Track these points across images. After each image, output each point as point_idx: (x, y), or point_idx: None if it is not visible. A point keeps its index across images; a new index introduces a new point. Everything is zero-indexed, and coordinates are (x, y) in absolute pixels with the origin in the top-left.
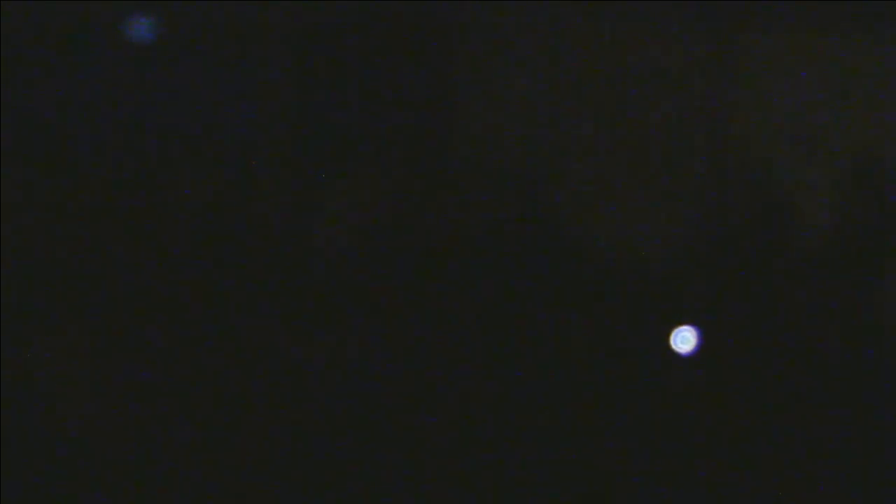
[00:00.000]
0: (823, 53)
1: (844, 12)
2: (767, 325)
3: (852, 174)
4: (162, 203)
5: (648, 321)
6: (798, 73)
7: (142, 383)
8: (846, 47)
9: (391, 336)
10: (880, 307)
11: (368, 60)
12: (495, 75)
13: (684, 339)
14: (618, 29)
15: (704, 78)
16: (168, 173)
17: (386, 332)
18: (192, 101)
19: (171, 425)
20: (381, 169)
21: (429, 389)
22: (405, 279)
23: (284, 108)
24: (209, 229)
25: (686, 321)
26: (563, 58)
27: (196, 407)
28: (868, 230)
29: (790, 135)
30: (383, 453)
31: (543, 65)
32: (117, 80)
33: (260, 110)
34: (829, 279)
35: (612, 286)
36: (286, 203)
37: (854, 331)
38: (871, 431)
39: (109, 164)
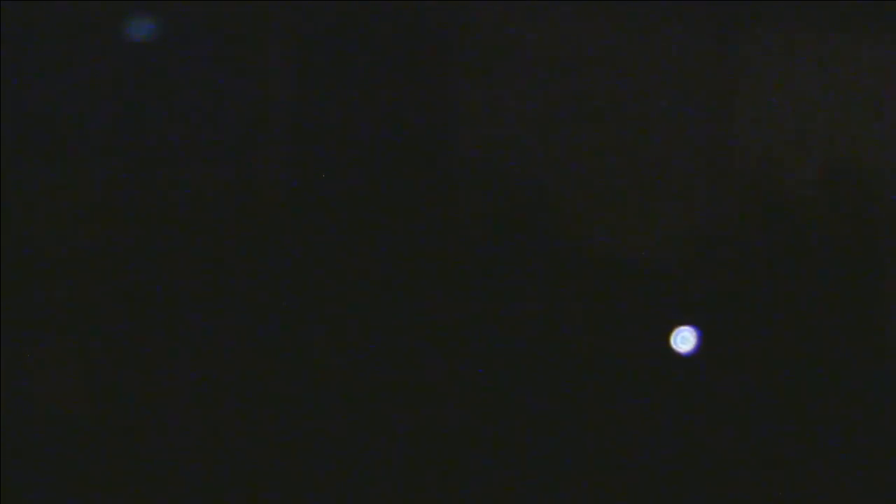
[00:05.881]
0: (824, 52)
1: (845, 12)
2: (767, 325)
3: (853, 174)
4: (161, 203)
5: (648, 321)
6: (799, 73)
7: (141, 384)
8: (846, 47)
9: (391, 337)
10: (880, 307)
11: (368, 60)
12: (496, 75)
13: (684, 339)
14: (618, 29)
15: (704, 78)
16: (168, 173)
17: (385, 334)
18: (192, 100)
19: (170, 425)
20: (381, 170)
21: (428, 390)
22: (405, 280)
23: (284, 107)
24: (209, 228)
25: (686, 321)
26: (563, 58)
27: (196, 407)
28: (868, 230)
29: (791, 134)
30: (383, 453)
31: (543, 64)
32: (117, 79)
33: (260, 110)
34: (829, 279)
35: (613, 287)
36: (286, 203)
37: (854, 331)
38: (871, 431)
39: (109, 164)
